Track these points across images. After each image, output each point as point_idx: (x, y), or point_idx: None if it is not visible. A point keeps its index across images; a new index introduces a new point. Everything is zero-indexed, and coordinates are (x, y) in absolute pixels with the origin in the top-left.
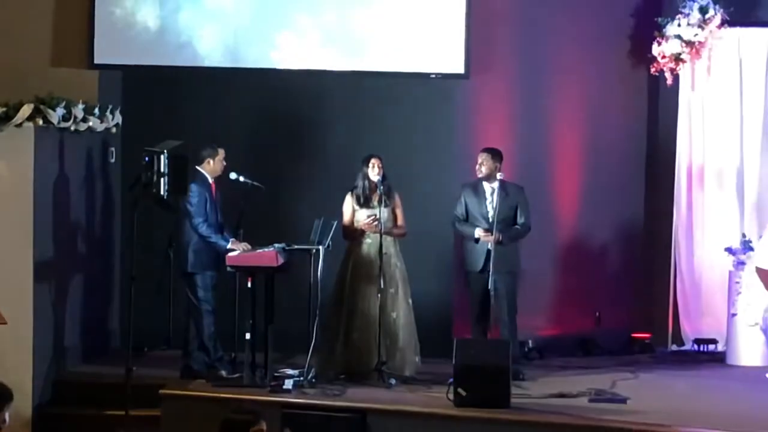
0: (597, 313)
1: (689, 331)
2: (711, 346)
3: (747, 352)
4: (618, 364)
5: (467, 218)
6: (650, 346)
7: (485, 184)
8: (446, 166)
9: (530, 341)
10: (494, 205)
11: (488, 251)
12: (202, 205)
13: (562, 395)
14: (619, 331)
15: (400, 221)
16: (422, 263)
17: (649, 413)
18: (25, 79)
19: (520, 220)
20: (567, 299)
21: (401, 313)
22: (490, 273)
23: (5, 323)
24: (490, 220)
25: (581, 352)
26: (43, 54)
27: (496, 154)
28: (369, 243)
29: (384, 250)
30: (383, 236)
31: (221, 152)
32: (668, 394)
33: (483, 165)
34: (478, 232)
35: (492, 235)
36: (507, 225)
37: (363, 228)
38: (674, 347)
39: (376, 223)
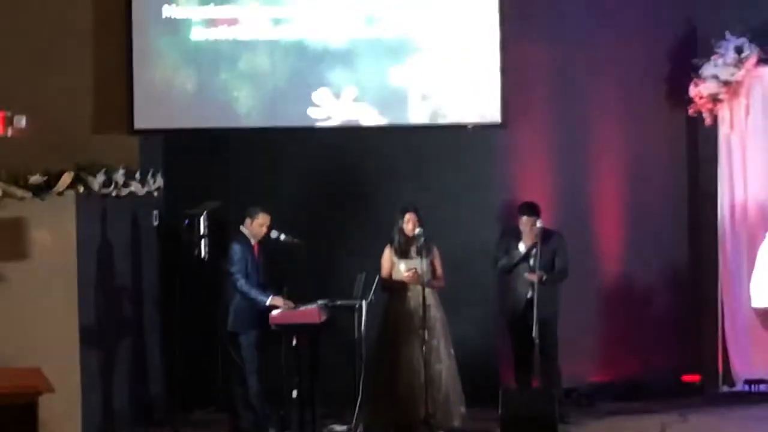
0: (644, 358)
1: (740, 371)
2: (762, 386)
3: None
4: (668, 408)
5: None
6: (700, 388)
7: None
8: (484, 215)
9: (578, 388)
10: (535, 252)
11: (528, 299)
12: (243, 264)
13: None
14: (668, 374)
15: (438, 273)
16: (462, 313)
17: None
18: (66, 147)
19: (559, 265)
20: (614, 344)
21: (445, 364)
22: (534, 319)
23: (53, 391)
24: (530, 264)
25: (630, 397)
26: (83, 121)
27: (538, 212)
28: (409, 295)
29: (426, 301)
30: (424, 287)
31: (263, 217)
32: None
33: (529, 227)
34: (522, 246)
35: (535, 273)
36: (546, 271)
37: (404, 280)
38: (725, 388)
39: (416, 275)
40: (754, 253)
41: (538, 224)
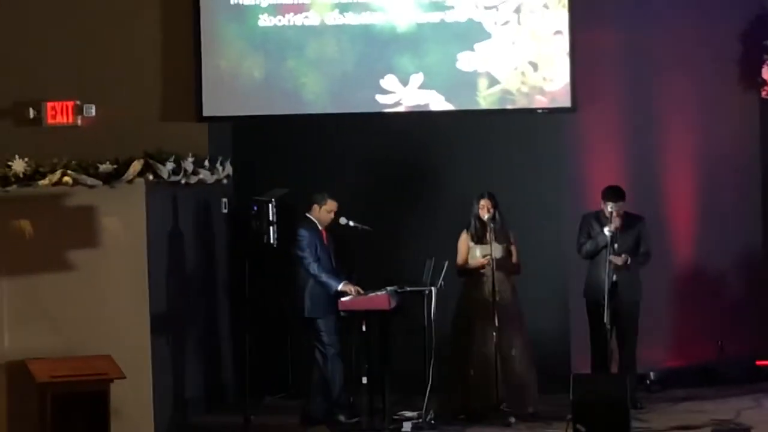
0: (719, 342)
1: None
2: None
3: None
4: (742, 393)
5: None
6: None
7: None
8: (556, 200)
9: (651, 374)
10: (617, 236)
11: (613, 282)
12: (312, 249)
13: (684, 428)
14: (742, 360)
15: (514, 259)
16: (536, 298)
17: None
18: (135, 135)
19: (643, 249)
20: (687, 329)
21: (519, 349)
22: (605, 305)
23: (124, 377)
24: (615, 248)
25: (704, 383)
26: (152, 109)
27: (623, 196)
28: (485, 281)
29: (497, 288)
30: (496, 274)
31: (331, 203)
32: None
33: (615, 212)
34: (607, 230)
35: (620, 257)
36: (630, 255)
37: (477, 266)
38: None
39: (488, 260)
40: None
41: (621, 210)
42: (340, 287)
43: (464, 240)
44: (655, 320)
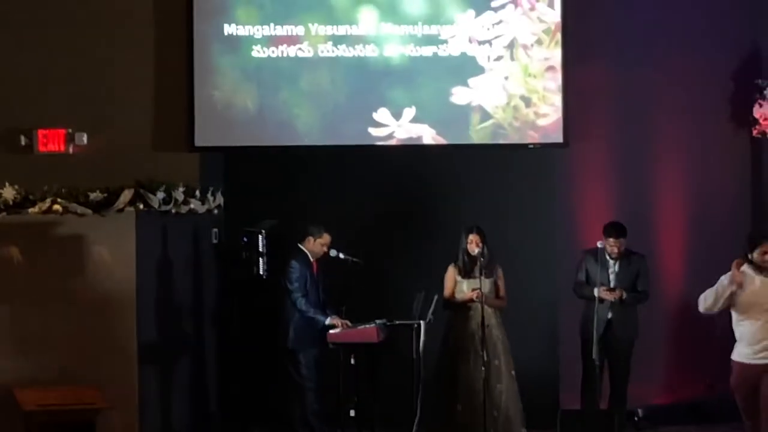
0: (708, 381)
1: None
2: None
3: None
4: (730, 431)
5: (587, 284)
6: None
7: (607, 255)
8: (547, 235)
9: (640, 410)
10: (616, 271)
11: (608, 319)
12: (302, 282)
13: None
14: (732, 397)
15: (501, 293)
16: (525, 333)
17: None
18: (126, 164)
19: (641, 287)
20: (677, 366)
21: (505, 384)
22: (594, 340)
23: (110, 408)
24: (611, 285)
25: (694, 420)
26: (144, 139)
27: (624, 233)
28: (471, 315)
29: (486, 322)
30: (484, 308)
31: (326, 237)
32: None
33: (617, 248)
34: (600, 291)
35: (614, 292)
36: (627, 292)
37: (467, 300)
38: None
39: (477, 294)
40: None
41: (622, 246)
42: (328, 321)
43: (451, 274)
44: (645, 356)
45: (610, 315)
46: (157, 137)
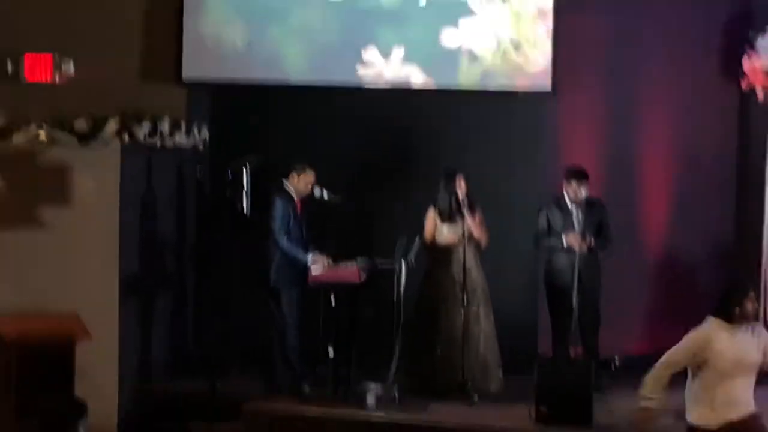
0: (685, 330)
1: None
2: None
3: None
4: None
5: (549, 234)
6: None
7: (568, 200)
8: (532, 183)
9: (616, 358)
10: (582, 220)
11: (572, 268)
12: (285, 220)
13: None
14: None
15: (481, 233)
16: (506, 279)
17: None
18: (112, 94)
19: (605, 233)
20: (655, 316)
21: (484, 328)
22: (575, 288)
23: (90, 337)
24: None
25: None
26: (131, 69)
27: (587, 176)
28: (452, 259)
29: (467, 266)
30: (466, 253)
31: (309, 174)
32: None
33: (580, 191)
34: (568, 238)
35: (582, 240)
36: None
37: (446, 244)
38: None
39: (460, 239)
40: None
41: (584, 191)
42: (310, 260)
43: (432, 217)
44: (624, 306)
45: (575, 262)
46: (144, 69)
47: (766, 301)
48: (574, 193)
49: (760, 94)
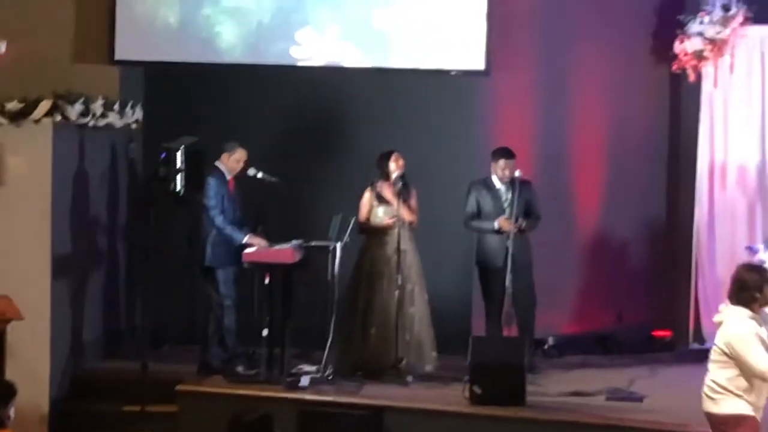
0: (618, 311)
1: (710, 329)
2: None
3: None
4: (637, 363)
5: (479, 215)
6: (671, 344)
7: (496, 181)
8: (465, 163)
9: (550, 338)
10: (511, 200)
11: (506, 247)
12: (219, 199)
13: (578, 393)
14: (639, 329)
15: (413, 208)
16: (441, 260)
17: (665, 412)
18: (44, 74)
19: (535, 213)
20: (588, 297)
21: (418, 308)
22: (509, 269)
23: (22, 318)
24: (507, 215)
25: (601, 350)
26: (63, 49)
27: (514, 157)
28: (386, 239)
29: (401, 247)
30: (400, 233)
31: (240, 153)
32: (686, 393)
33: (508, 170)
34: (500, 222)
35: (513, 224)
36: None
37: (384, 226)
38: (695, 345)
39: (395, 219)
40: (730, 211)
41: (517, 173)
42: (245, 240)
43: (367, 198)
44: (556, 286)
45: (509, 244)
46: (77, 49)
47: (696, 277)
48: (501, 173)
49: (691, 75)
